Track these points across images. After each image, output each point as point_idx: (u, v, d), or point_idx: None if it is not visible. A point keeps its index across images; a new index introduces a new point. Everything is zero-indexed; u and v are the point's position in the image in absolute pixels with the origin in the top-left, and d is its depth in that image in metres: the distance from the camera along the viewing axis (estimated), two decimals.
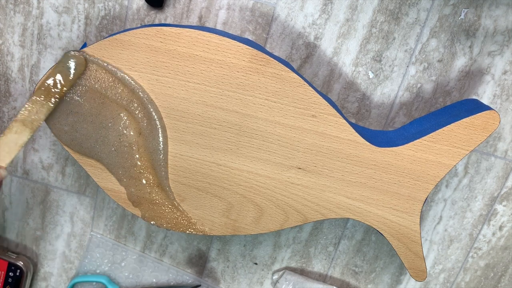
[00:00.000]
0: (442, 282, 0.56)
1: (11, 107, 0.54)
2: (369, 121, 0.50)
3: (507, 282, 0.56)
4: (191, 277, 0.59)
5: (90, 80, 0.43)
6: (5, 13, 0.50)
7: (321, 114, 0.43)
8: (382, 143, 0.45)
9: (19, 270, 0.59)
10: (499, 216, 0.53)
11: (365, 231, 0.55)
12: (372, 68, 0.48)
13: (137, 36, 0.42)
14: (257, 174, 0.45)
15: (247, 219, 0.47)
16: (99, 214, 0.58)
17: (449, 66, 0.47)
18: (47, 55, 0.51)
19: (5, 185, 0.58)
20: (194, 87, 0.43)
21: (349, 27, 0.47)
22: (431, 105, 0.49)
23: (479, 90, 0.48)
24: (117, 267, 0.60)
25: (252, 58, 0.41)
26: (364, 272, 0.57)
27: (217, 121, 0.44)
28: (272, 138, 0.44)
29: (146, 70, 0.43)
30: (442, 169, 0.44)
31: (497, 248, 0.54)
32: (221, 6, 0.48)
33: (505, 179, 0.51)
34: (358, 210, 0.46)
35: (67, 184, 0.57)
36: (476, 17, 0.45)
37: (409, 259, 0.48)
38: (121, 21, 0.49)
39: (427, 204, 0.53)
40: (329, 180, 0.45)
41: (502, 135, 0.49)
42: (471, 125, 0.43)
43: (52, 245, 0.61)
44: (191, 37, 0.41)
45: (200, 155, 0.45)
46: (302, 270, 0.58)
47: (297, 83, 0.42)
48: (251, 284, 0.60)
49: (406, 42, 0.47)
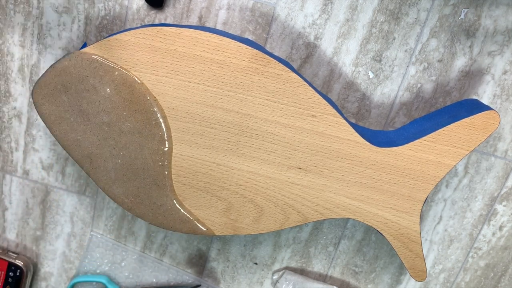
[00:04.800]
0: (442, 282, 0.56)
1: (11, 107, 0.54)
2: (369, 121, 0.50)
3: (507, 282, 0.56)
4: (191, 277, 0.59)
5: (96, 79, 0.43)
6: (5, 13, 0.50)
7: (321, 114, 0.43)
8: (382, 143, 0.45)
9: (19, 270, 0.59)
10: (499, 216, 0.53)
11: (365, 231, 0.55)
12: (372, 68, 0.48)
13: (137, 36, 0.42)
14: (257, 174, 0.45)
15: (247, 219, 0.47)
16: (99, 214, 0.58)
17: (449, 66, 0.47)
18: (47, 55, 0.51)
19: (5, 185, 0.58)
20: (194, 87, 0.43)
21: (349, 27, 0.47)
22: (431, 105, 0.49)
23: (479, 90, 0.48)
24: (117, 267, 0.60)
25: (252, 58, 0.41)
26: (364, 272, 0.57)
27: (217, 121, 0.44)
28: (272, 138, 0.44)
29: (146, 70, 0.43)
30: (442, 169, 0.44)
31: (497, 248, 0.54)
32: (221, 6, 0.48)
33: (505, 179, 0.51)
34: (358, 210, 0.46)
35: (67, 184, 0.57)
36: (476, 17, 0.45)
37: (409, 259, 0.48)
38: (121, 21, 0.49)
39: (427, 204, 0.53)
40: (329, 180, 0.45)
41: (502, 135, 0.49)
42: (471, 125, 0.43)
43: (52, 245, 0.61)
44: (191, 37, 0.41)
45: (200, 155, 0.45)
46: (302, 270, 0.58)
47: (297, 83, 0.42)
48: (251, 284, 0.60)
49: (406, 42, 0.47)
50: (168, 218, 0.47)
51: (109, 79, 0.43)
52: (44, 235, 0.60)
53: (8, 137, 0.56)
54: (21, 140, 0.56)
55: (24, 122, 0.55)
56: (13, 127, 0.55)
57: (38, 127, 0.55)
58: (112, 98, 0.43)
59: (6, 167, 0.57)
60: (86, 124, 0.45)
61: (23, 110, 0.54)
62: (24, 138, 0.55)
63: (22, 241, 0.61)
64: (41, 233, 0.60)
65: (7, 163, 0.57)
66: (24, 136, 0.55)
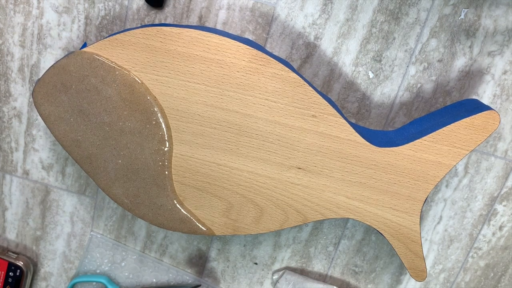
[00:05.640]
0: (442, 282, 0.56)
1: (11, 107, 0.54)
2: (369, 121, 0.50)
3: (507, 282, 0.56)
4: (191, 277, 0.59)
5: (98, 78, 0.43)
6: (5, 13, 0.50)
7: (321, 114, 0.43)
8: (382, 143, 0.45)
9: (19, 270, 0.59)
10: (499, 216, 0.53)
11: (365, 231, 0.55)
12: (372, 68, 0.48)
13: (137, 36, 0.42)
14: (257, 174, 0.45)
15: (247, 219, 0.47)
16: (99, 214, 0.58)
17: (449, 66, 0.47)
18: (47, 55, 0.51)
19: (5, 185, 0.58)
20: (194, 87, 0.43)
21: (349, 27, 0.47)
22: (431, 105, 0.49)
23: (479, 90, 0.48)
24: (117, 267, 0.60)
25: (252, 58, 0.41)
26: (364, 272, 0.57)
27: (217, 121, 0.44)
28: (272, 138, 0.44)
29: (146, 70, 0.43)
30: (442, 169, 0.44)
31: (497, 248, 0.54)
32: (221, 6, 0.48)
33: (505, 179, 0.51)
34: (358, 210, 0.46)
35: (67, 184, 0.57)
36: (476, 17, 0.45)
37: (409, 259, 0.48)
38: (121, 21, 0.49)
39: (427, 204, 0.53)
40: (329, 180, 0.45)
41: (502, 135, 0.49)
42: (471, 125, 0.43)
43: (52, 245, 0.61)
44: (191, 37, 0.41)
45: (200, 155, 0.45)
46: (302, 270, 0.58)
47: (297, 83, 0.42)
48: (251, 284, 0.60)
49: (406, 42, 0.47)
50: (169, 218, 0.47)
51: (111, 79, 0.43)
52: (44, 235, 0.60)
53: (8, 137, 0.56)
54: (21, 140, 0.56)
55: (24, 122, 0.55)
56: (13, 127, 0.55)
57: (38, 127, 0.55)
58: (113, 98, 0.43)
59: (6, 167, 0.57)
60: (86, 125, 0.45)
61: (23, 110, 0.54)
62: (24, 138, 0.55)
63: (22, 241, 0.61)
64: (41, 233, 0.60)
65: (7, 163, 0.57)
66: (24, 136, 0.55)
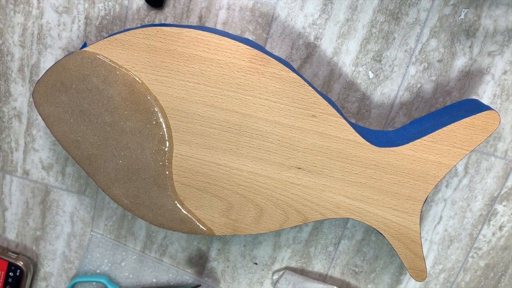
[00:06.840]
0: (442, 282, 0.56)
1: (11, 107, 0.54)
2: (369, 121, 0.50)
3: (507, 282, 0.56)
4: (191, 277, 0.59)
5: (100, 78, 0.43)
6: (5, 13, 0.50)
7: (321, 114, 0.43)
8: (382, 143, 0.45)
9: (19, 270, 0.59)
10: (499, 216, 0.53)
11: (365, 231, 0.55)
12: (372, 68, 0.48)
13: (137, 36, 0.42)
14: (257, 174, 0.45)
15: (247, 219, 0.47)
16: (99, 214, 0.58)
17: (449, 66, 0.47)
18: (47, 55, 0.51)
19: (5, 185, 0.58)
20: (194, 87, 0.43)
21: (349, 27, 0.47)
22: (431, 105, 0.49)
23: (479, 90, 0.48)
24: (117, 267, 0.60)
25: (252, 58, 0.41)
26: (364, 272, 0.57)
27: (217, 121, 0.44)
28: (272, 138, 0.44)
29: (146, 70, 0.43)
30: (442, 169, 0.44)
31: (497, 248, 0.54)
32: (221, 6, 0.48)
33: (505, 179, 0.51)
34: (358, 210, 0.46)
35: (67, 184, 0.57)
36: (476, 17, 0.45)
37: (409, 259, 0.48)
38: (121, 21, 0.49)
39: (427, 204, 0.53)
40: (329, 180, 0.45)
41: (502, 135, 0.49)
42: (471, 125, 0.43)
43: (52, 245, 0.61)
44: (191, 37, 0.41)
45: (200, 155, 0.45)
46: (302, 270, 0.58)
47: (297, 83, 0.42)
48: (251, 284, 0.60)
49: (406, 42, 0.47)
50: (169, 219, 0.47)
51: (112, 79, 0.43)
52: (44, 235, 0.60)
53: (8, 137, 0.56)
54: (21, 140, 0.56)
55: (24, 122, 0.55)
56: (13, 127, 0.55)
57: (38, 127, 0.55)
58: (115, 97, 0.43)
59: (6, 167, 0.57)
60: (86, 125, 0.45)
61: (23, 110, 0.54)
62: (24, 138, 0.55)
63: (22, 241, 0.61)
64: (41, 233, 0.60)
65: (7, 163, 0.57)
66: (24, 136, 0.55)
